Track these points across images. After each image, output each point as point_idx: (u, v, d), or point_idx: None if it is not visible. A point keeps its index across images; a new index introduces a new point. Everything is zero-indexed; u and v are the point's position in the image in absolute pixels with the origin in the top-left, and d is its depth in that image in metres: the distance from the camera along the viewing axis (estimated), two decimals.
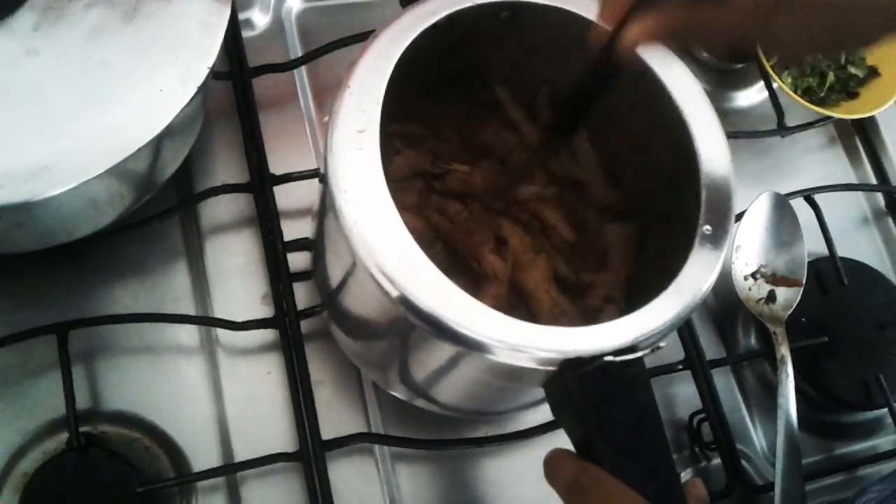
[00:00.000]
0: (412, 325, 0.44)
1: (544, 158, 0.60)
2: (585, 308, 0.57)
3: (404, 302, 0.43)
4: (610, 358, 0.43)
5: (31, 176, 0.48)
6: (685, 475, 0.67)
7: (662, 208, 0.56)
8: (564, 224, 0.59)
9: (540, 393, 0.48)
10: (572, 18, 0.53)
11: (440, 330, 0.44)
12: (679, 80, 0.52)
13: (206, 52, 0.53)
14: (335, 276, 0.53)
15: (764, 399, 0.71)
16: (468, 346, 0.44)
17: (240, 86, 0.68)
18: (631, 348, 0.44)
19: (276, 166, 0.66)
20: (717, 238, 0.48)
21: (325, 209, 0.49)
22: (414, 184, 0.61)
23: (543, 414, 0.61)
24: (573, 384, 0.44)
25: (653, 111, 0.53)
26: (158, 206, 0.63)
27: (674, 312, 0.46)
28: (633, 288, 0.57)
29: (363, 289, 0.47)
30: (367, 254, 0.44)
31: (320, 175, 0.49)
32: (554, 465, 0.45)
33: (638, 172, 0.59)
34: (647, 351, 0.44)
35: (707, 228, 0.48)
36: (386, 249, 0.44)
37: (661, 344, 0.45)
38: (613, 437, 0.43)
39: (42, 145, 0.49)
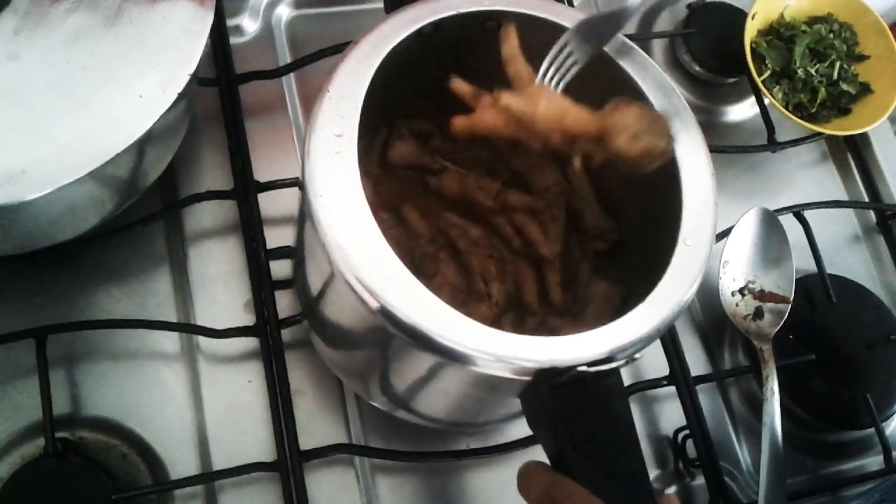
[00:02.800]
0: (389, 334, 0.44)
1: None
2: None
3: (381, 311, 0.43)
4: (585, 368, 0.43)
5: (8, 180, 0.47)
6: (669, 492, 0.66)
7: (645, 220, 0.55)
8: (545, 241, 0.59)
9: (518, 405, 0.47)
10: (557, 29, 0.52)
11: (417, 339, 0.43)
12: (662, 95, 0.52)
13: (187, 58, 0.53)
14: (314, 284, 0.52)
15: (750, 416, 0.71)
16: (445, 355, 0.43)
17: (226, 92, 0.67)
18: (607, 359, 0.44)
19: (262, 173, 0.66)
20: (698, 250, 0.47)
21: (303, 215, 0.49)
22: (409, 175, 0.61)
23: (526, 427, 0.60)
24: (547, 395, 0.43)
25: None
26: (142, 211, 0.63)
27: (652, 324, 0.45)
28: None
29: (340, 297, 0.47)
30: (342, 260, 0.43)
31: (299, 182, 0.49)
32: (527, 478, 0.45)
33: (621, 186, 0.58)
34: (622, 362, 0.44)
35: (688, 241, 0.47)
36: (361, 255, 0.43)
37: (638, 356, 0.44)
38: (587, 450, 0.43)
39: (20, 149, 0.48)
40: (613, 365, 0.43)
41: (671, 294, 0.46)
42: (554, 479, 0.42)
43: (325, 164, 0.45)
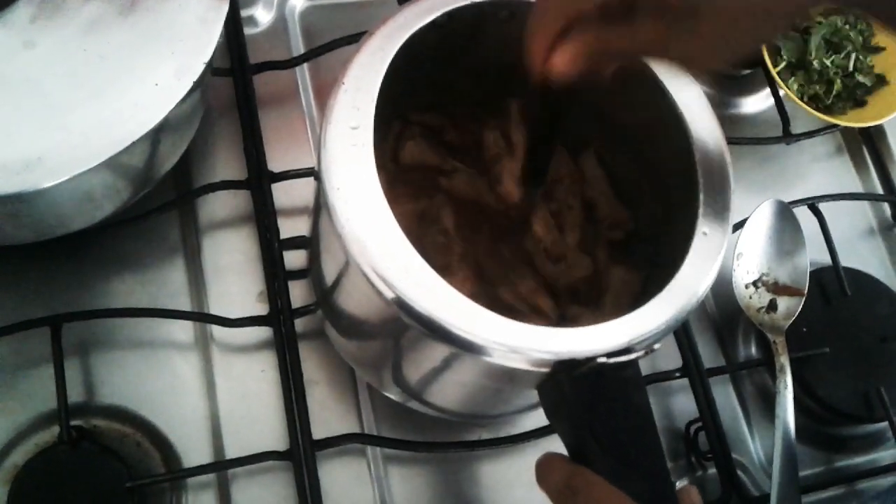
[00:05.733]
0: (405, 325, 0.44)
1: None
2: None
3: (397, 301, 0.43)
4: (604, 360, 0.43)
5: (24, 167, 0.48)
6: (681, 484, 0.66)
7: (660, 210, 0.55)
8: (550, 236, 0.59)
9: (535, 396, 0.47)
10: None
11: (433, 330, 0.43)
12: (680, 85, 0.52)
13: (202, 47, 0.53)
14: (329, 274, 0.52)
15: (762, 409, 0.70)
16: (461, 346, 0.43)
17: (240, 82, 0.67)
18: (625, 350, 0.43)
19: (276, 164, 0.66)
20: (715, 241, 0.47)
21: (319, 207, 0.49)
22: (421, 175, 0.61)
23: (539, 418, 0.60)
24: (566, 386, 0.43)
25: (653, 115, 0.52)
26: (156, 200, 0.63)
27: (670, 314, 0.45)
28: None
29: (356, 288, 0.47)
30: (359, 252, 0.43)
31: (315, 172, 0.49)
32: (545, 469, 0.45)
33: (639, 178, 0.58)
34: (641, 353, 0.44)
35: (705, 231, 0.47)
36: (378, 248, 0.43)
37: (656, 346, 0.44)
38: (606, 441, 0.42)
39: (36, 137, 0.49)
40: (632, 356, 0.43)
41: (688, 285, 0.45)
42: (573, 469, 0.42)
43: (342, 156, 0.45)
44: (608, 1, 0.42)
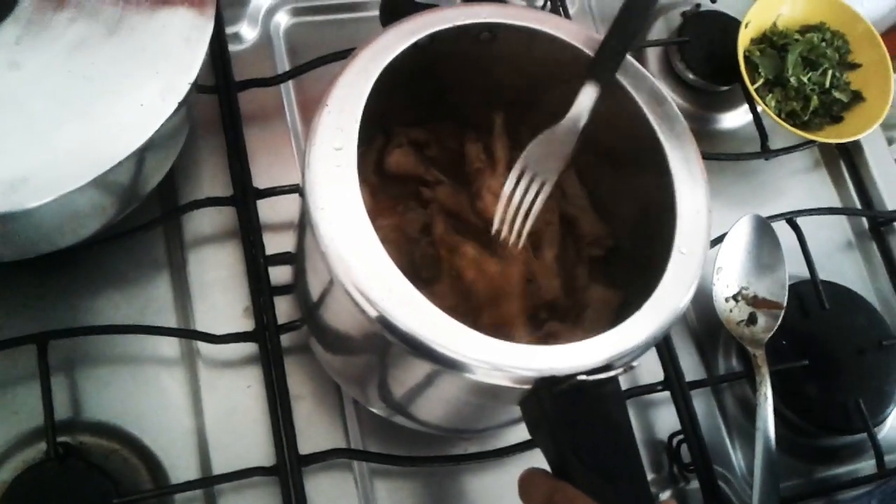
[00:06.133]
0: (388, 342, 0.44)
1: None
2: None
3: (380, 320, 0.44)
4: (584, 377, 0.43)
5: (10, 188, 0.48)
6: (664, 496, 0.67)
7: (639, 226, 0.56)
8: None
9: (517, 412, 0.48)
10: (551, 41, 0.53)
11: (416, 348, 0.44)
12: (656, 104, 0.53)
13: (187, 67, 0.53)
14: (314, 291, 0.53)
15: (744, 421, 0.71)
16: (444, 364, 0.44)
17: (225, 99, 0.68)
18: (605, 367, 0.44)
19: (261, 180, 0.66)
20: (693, 258, 0.48)
21: (304, 225, 0.50)
22: (405, 186, 0.62)
23: (523, 432, 0.60)
24: (547, 403, 0.44)
25: (632, 135, 0.53)
26: (142, 217, 0.63)
27: (649, 332, 0.46)
28: None
29: (340, 305, 0.47)
30: (343, 271, 0.44)
31: (300, 190, 0.50)
32: (528, 485, 0.45)
33: (616, 193, 0.59)
34: (620, 370, 0.44)
35: (683, 248, 0.48)
36: (362, 266, 0.44)
37: (635, 364, 0.45)
38: (587, 457, 0.43)
39: (22, 157, 0.49)
40: (612, 373, 0.44)
41: (667, 301, 0.46)
42: (556, 485, 0.43)
43: (326, 176, 0.45)
44: None
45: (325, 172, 0.45)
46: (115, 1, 0.53)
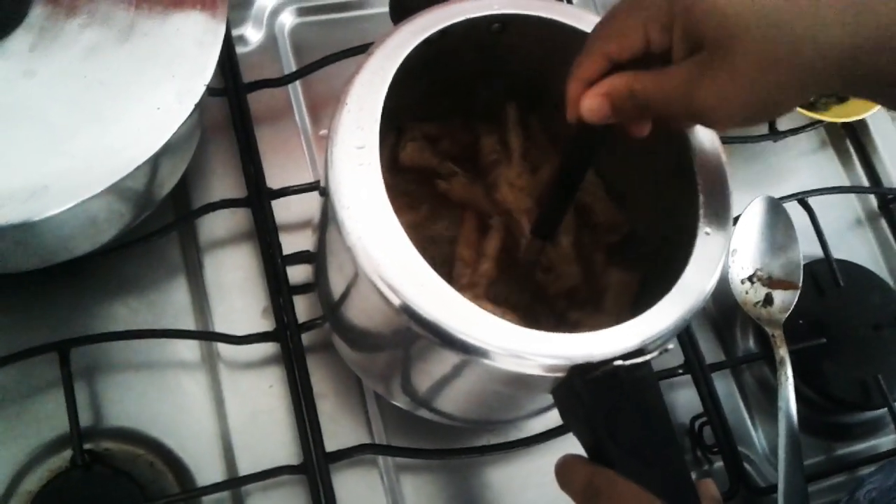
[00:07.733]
0: (416, 334, 0.45)
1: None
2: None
3: (408, 312, 0.44)
4: (619, 362, 0.44)
5: (30, 196, 0.48)
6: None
7: (657, 210, 0.56)
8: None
9: (545, 400, 0.48)
10: (561, 29, 0.53)
11: (446, 339, 0.44)
12: None
13: (201, 69, 0.53)
14: (337, 287, 0.53)
15: (764, 401, 0.72)
16: (474, 354, 0.44)
17: (235, 101, 0.68)
18: (639, 351, 0.44)
19: (273, 180, 0.66)
20: (717, 240, 0.48)
21: (326, 223, 0.49)
22: (419, 184, 0.62)
23: (546, 421, 0.61)
24: (582, 390, 0.44)
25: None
26: (157, 222, 0.63)
27: (679, 314, 0.46)
28: None
29: (366, 300, 0.47)
30: (370, 267, 0.44)
31: (321, 188, 0.50)
32: (566, 471, 0.45)
33: (638, 184, 0.59)
34: (655, 353, 0.45)
35: (707, 231, 0.48)
36: (390, 263, 0.44)
37: (669, 346, 0.45)
38: (624, 441, 0.43)
39: (41, 165, 0.49)
40: (646, 357, 0.44)
41: (695, 283, 0.46)
42: (594, 469, 0.43)
43: (349, 176, 0.45)
44: (648, 46, 0.43)
45: (348, 172, 0.45)
46: (127, 6, 0.53)
